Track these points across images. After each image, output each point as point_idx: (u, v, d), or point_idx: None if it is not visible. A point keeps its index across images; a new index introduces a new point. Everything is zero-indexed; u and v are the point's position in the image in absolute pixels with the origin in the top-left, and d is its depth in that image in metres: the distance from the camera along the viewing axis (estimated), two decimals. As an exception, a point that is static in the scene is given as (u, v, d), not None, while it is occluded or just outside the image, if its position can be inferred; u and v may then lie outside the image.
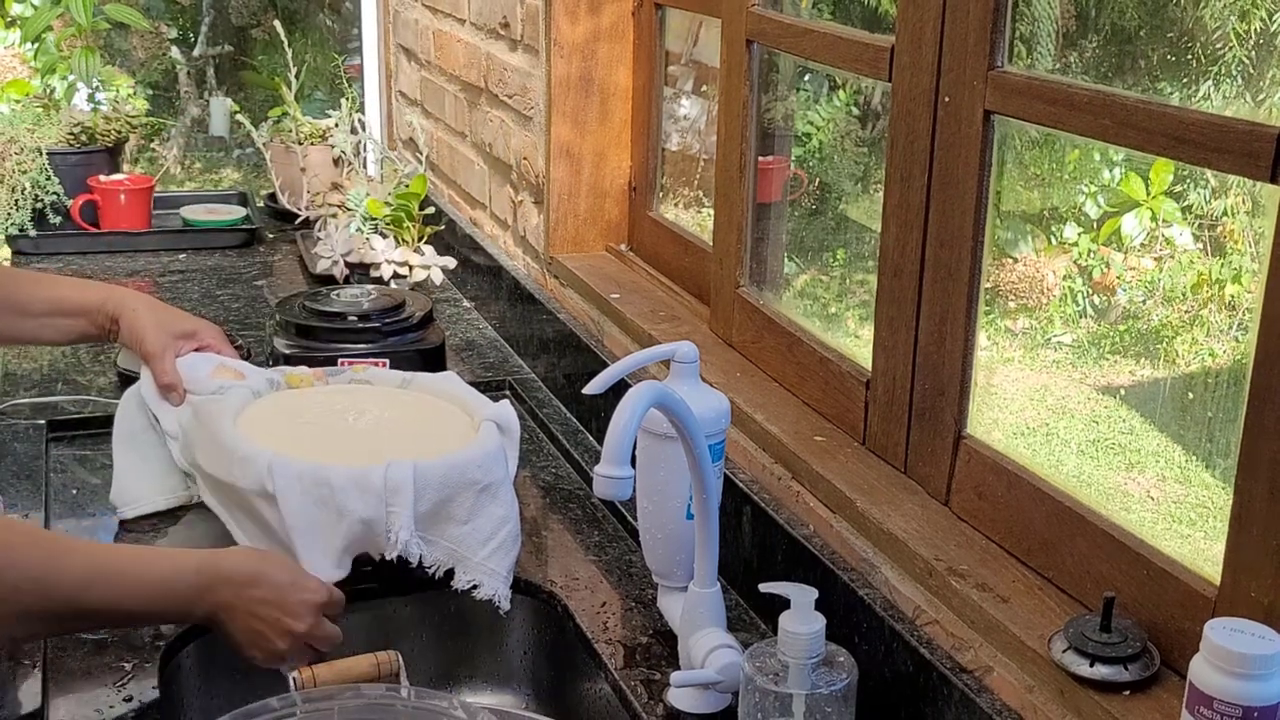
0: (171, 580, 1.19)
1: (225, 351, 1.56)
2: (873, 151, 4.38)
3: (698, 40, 2.58)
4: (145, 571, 1.19)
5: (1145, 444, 3.48)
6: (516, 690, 1.44)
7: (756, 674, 1.06)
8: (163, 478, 1.51)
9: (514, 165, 2.07)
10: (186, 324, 1.54)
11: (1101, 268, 3.79)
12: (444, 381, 1.56)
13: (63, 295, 1.53)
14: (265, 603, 1.21)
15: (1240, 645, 0.81)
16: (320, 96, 5.52)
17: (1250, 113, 3.11)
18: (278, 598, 1.21)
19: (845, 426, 1.36)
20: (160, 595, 1.19)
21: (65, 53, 2.69)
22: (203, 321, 1.57)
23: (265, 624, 1.21)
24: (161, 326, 1.51)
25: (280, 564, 1.25)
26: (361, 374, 1.58)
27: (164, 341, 1.50)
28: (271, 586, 1.22)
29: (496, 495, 1.36)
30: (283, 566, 1.25)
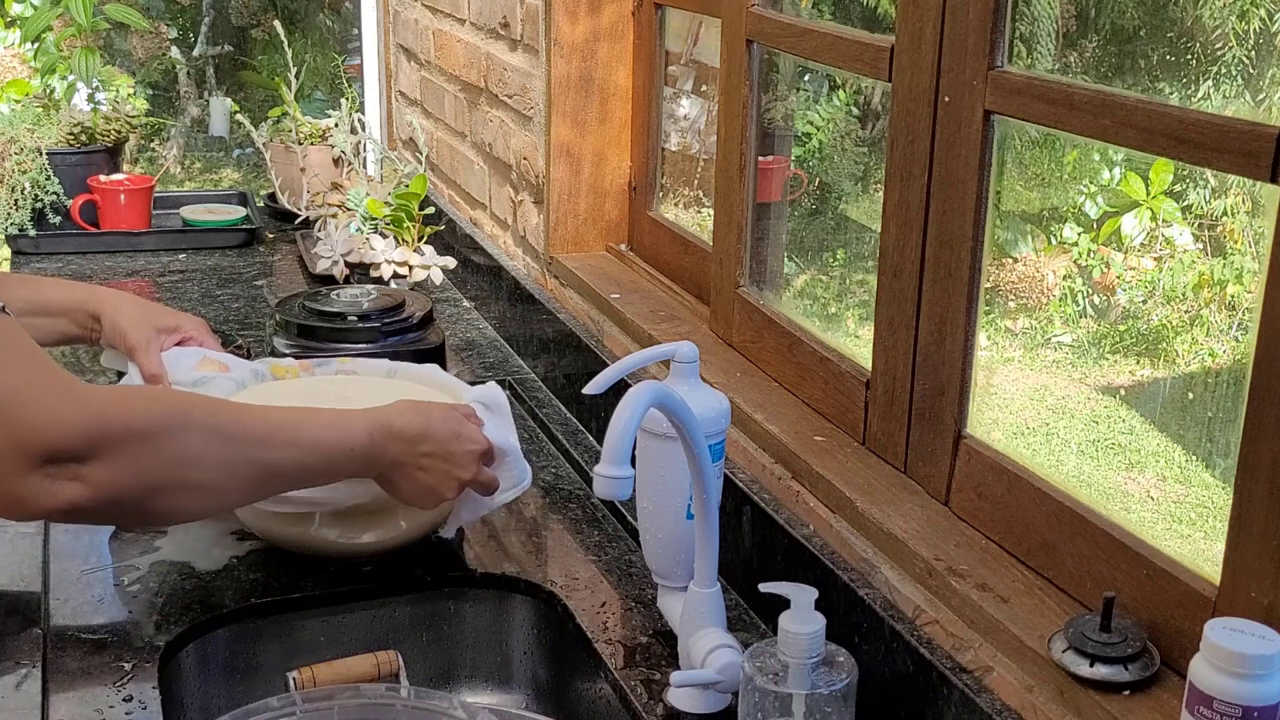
0: (347, 438, 1.24)
1: (208, 344, 1.55)
2: (872, 151, 4.38)
3: (698, 40, 2.58)
4: (321, 429, 1.24)
5: (1145, 444, 3.48)
6: (516, 690, 1.45)
7: (756, 674, 1.06)
8: None
9: (514, 165, 2.07)
10: (169, 318, 1.54)
11: (1101, 268, 3.79)
12: (430, 371, 1.57)
13: (44, 296, 1.52)
14: (433, 456, 1.28)
15: (1240, 645, 0.81)
16: (320, 96, 5.53)
17: (1250, 112, 3.11)
18: (444, 450, 1.29)
19: (845, 426, 1.36)
20: (338, 453, 1.24)
21: (65, 53, 2.69)
22: (185, 315, 1.57)
23: (434, 476, 1.29)
24: (144, 320, 1.51)
25: (443, 415, 1.31)
26: (348, 365, 1.58)
27: (147, 335, 1.50)
28: (438, 441, 1.29)
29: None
30: (446, 418, 1.31)
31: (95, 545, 1.45)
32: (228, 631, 1.34)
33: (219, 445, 1.15)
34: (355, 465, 1.26)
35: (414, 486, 1.30)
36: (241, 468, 1.17)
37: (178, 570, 1.41)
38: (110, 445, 1.07)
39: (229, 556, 1.44)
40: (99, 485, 1.07)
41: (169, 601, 1.35)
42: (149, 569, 1.40)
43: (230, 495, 1.21)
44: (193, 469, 1.13)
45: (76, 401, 1.07)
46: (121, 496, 1.09)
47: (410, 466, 1.28)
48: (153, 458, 1.10)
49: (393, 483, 1.29)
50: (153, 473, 1.11)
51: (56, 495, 1.06)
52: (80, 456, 1.06)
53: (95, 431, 1.07)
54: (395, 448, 1.27)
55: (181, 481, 1.13)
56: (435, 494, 1.31)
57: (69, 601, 1.34)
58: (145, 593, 1.36)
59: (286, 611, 1.37)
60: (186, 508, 1.17)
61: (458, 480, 1.31)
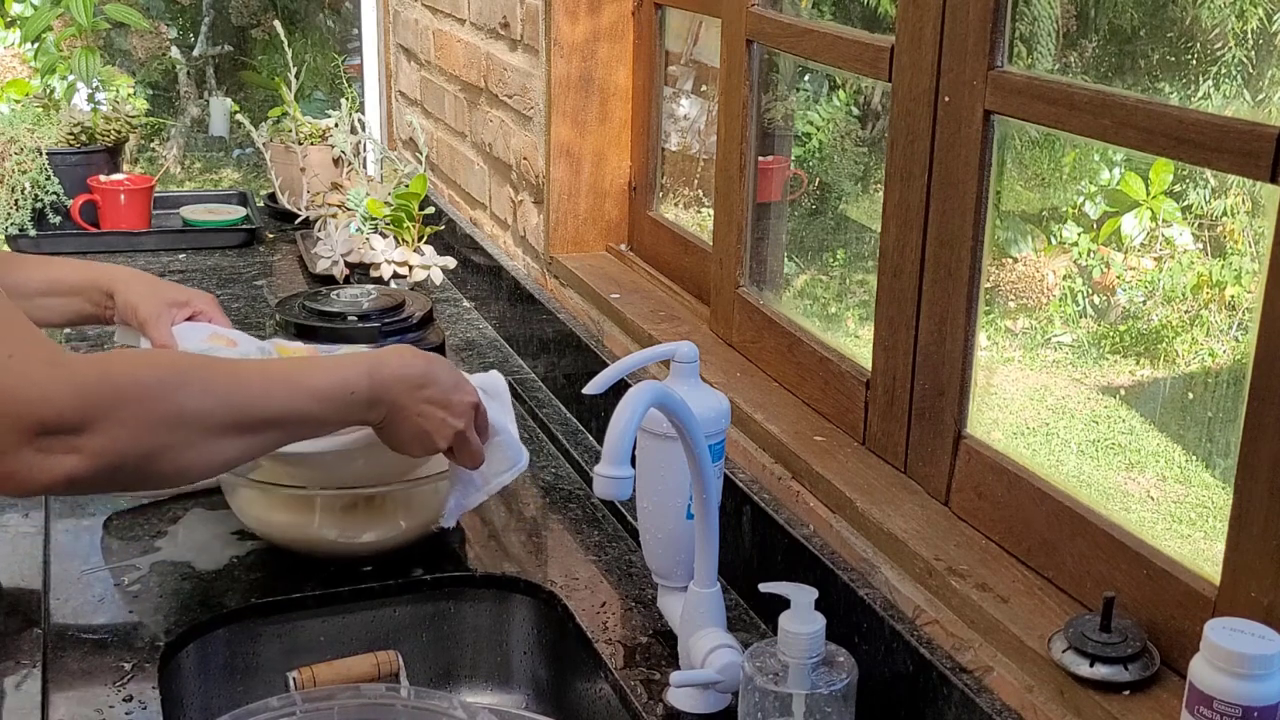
0: (349, 381, 1.23)
1: (218, 320, 1.55)
2: (872, 151, 4.39)
3: (698, 40, 2.58)
4: (320, 376, 1.22)
5: (1145, 444, 3.48)
6: (516, 690, 1.45)
7: (756, 674, 1.06)
8: None
9: (514, 165, 2.07)
10: (179, 293, 1.54)
11: (1101, 268, 3.80)
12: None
13: (56, 275, 1.52)
14: (432, 402, 1.28)
15: (1240, 645, 0.81)
16: (320, 96, 5.53)
17: (1250, 112, 3.11)
18: (443, 397, 1.29)
19: (845, 426, 1.36)
20: (339, 399, 1.22)
21: (65, 53, 2.69)
22: (196, 291, 1.57)
23: (431, 423, 1.28)
24: (155, 295, 1.51)
25: (443, 364, 1.32)
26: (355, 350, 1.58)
27: (158, 309, 1.49)
28: (439, 387, 1.29)
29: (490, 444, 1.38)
30: (446, 366, 1.32)
31: (95, 545, 1.45)
32: (228, 631, 1.34)
33: (215, 401, 1.13)
34: (358, 409, 1.24)
35: (411, 431, 1.28)
36: (242, 421, 1.15)
37: (178, 570, 1.41)
38: (103, 412, 1.05)
39: (229, 556, 1.44)
40: (96, 455, 1.05)
41: (169, 601, 1.35)
42: (149, 569, 1.41)
43: (234, 450, 1.17)
44: (191, 427, 1.11)
45: (64, 371, 1.05)
46: (121, 463, 1.07)
47: (410, 411, 1.27)
48: (147, 420, 1.08)
49: (390, 427, 1.28)
50: (150, 435, 1.08)
51: (53, 469, 1.04)
52: (73, 427, 1.04)
53: (86, 400, 1.05)
54: (398, 390, 1.26)
55: (181, 441, 1.11)
56: (430, 441, 1.30)
57: (69, 601, 1.34)
58: (145, 593, 1.36)
59: (286, 611, 1.37)
60: (192, 467, 1.14)
61: (453, 430, 1.30)
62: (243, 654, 1.35)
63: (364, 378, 1.24)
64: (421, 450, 1.31)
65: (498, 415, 1.39)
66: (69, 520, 1.50)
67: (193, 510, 1.53)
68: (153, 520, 1.51)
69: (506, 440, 1.40)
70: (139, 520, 1.51)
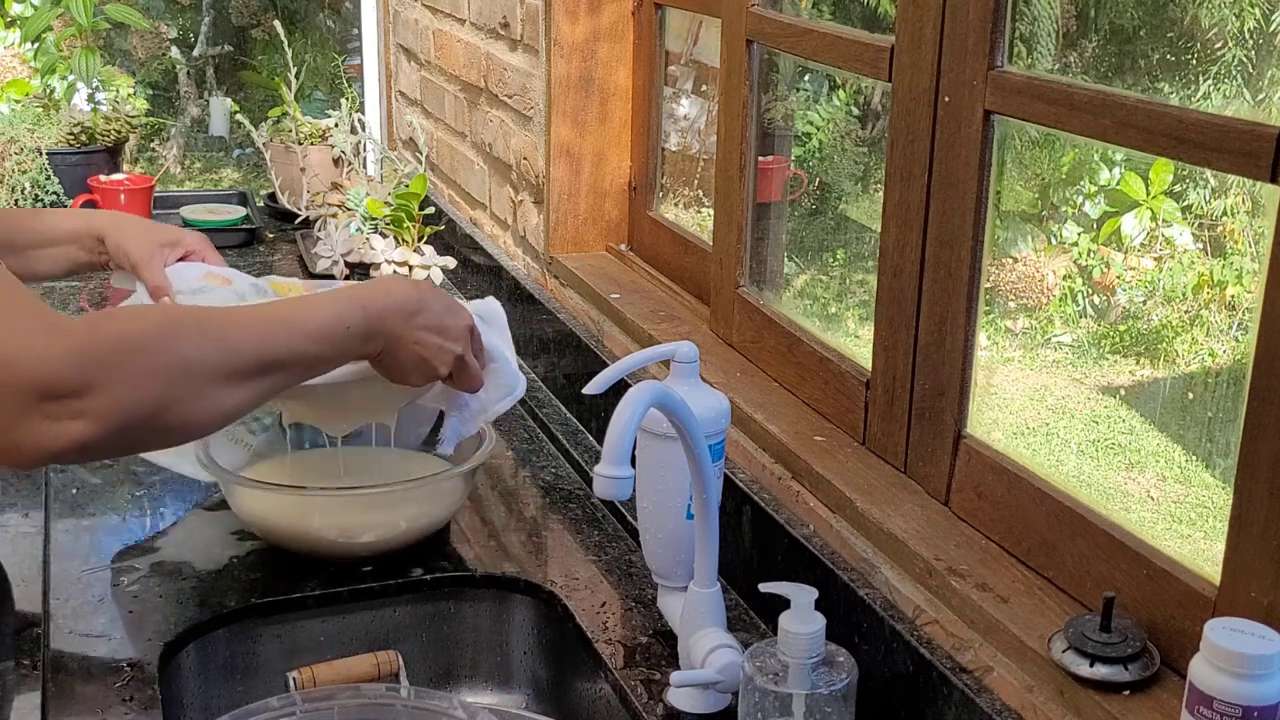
0: (343, 316, 1.22)
1: (211, 258, 1.54)
2: (873, 151, 4.39)
3: (698, 40, 2.58)
4: (315, 315, 1.21)
5: (1145, 444, 3.48)
6: (516, 690, 1.45)
7: (756, 674, 1.06)
8: None
9: (514, 165, 2.07)
10: (170, 234, 1.53)
11: (1101, 268, 3.80)
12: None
13: (49, 225, 1.51)
14: (428, 329, 1.28)
15: (1240, 645, 0.81)
16: (320, 96, 5.53)
17: (1250, 112, 3.11)
18: (438, 323, 1.29)
19: (845, 426, 1.36)
20: (337, 334, 1.21)
21: (65, 53, 2.69)
22: (187, 230, 1.56)
23: (428, 350, 1.28)
24: (146, 237, 1.50)
25: (434, 290, 1.31)
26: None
27: (150, 250, 1.48)
28: (433, 312, 1.28)
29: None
30: (437, 293, 1.31)
31: (95, 545, 1.45)
32: (228, 631, 1.34)
33: (214, 347, 1.11)
34: (355, 343, 1.23)
35: (410, 360, 1.28)
36: (242, 366, 1.13)
37: (178, 570, 1.41)
38: (104, 372, 1.03)
39: (229, 556, 1.44)
40: (104, 417, 1.03)
41: (169, 601, 1.35)
42: (149, 569, 1.41)
43: (239, 397, 1.14)
44: (192, 377, 1.09)
45: (61, 335, 1.03)
46: (130, 422, 1.05)
47: (406, 340, 1.26)
48: (148, 373, 1.06)
49: (389, 358, 1.27)
50: (153, 389, 1.06)
51: (61, 436, 1.02)
52: (76, 391, 1.02)
53: (84, 360, 1.03)
54: (392, 320, 1.25)
55: (185, 392, 1.09)
56: (430, 368, 1.29)
57: (69, 601, 1.34)
58: (145, 592, 1.36)
59: (286, 611, 1.37)
60: (200, 418, 1.12)
61: (452, 355, 1.30)
62: (243, 654, 1.36)
63: (358, 311, 1.23)
64: (423, 378, 1.30)
65: (495, 342, 1.39)
66: (69, 520, 1.50)
67: (193, 510, 1.54)
68: (153, 520, 1.51)
69: (503, 367, 1.39)
70: (139, 520, 1.51)
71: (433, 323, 1.28)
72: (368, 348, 1.25)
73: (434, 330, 1.28)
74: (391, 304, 1.25)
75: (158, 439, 1.14)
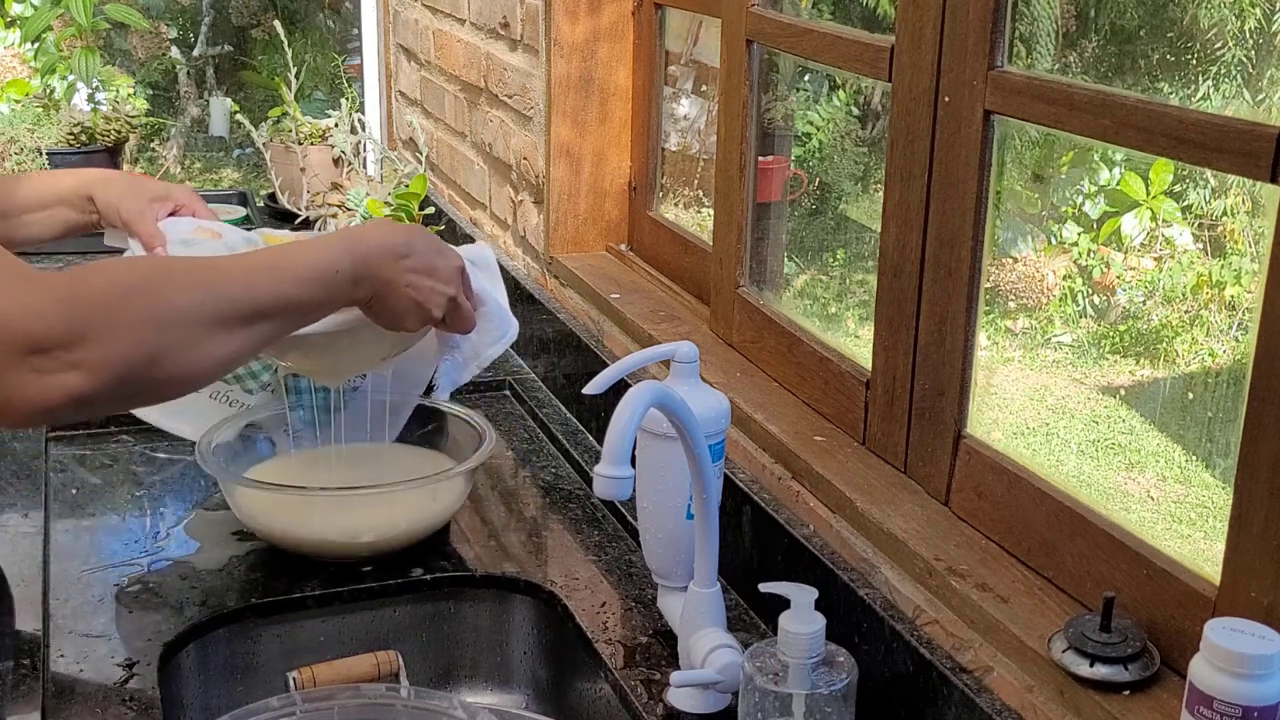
0: (331, 260, 1.20)
1: (201, 212, 1.53)
2: (873, 151, 4.39)
3: (698, 40, 2.58)
4: (302, 260, 1.19)
5: (1145, 444, 3.48)
6: (516, 690, 1.45)
7: (756, 674, 1.06)
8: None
9: (514, 165, 2.07)
10: (159, 188, 1.52)
11: (1101, 268, 3.80)
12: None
13: (36, 188, 1.50)
14: (418, 271, 1.26)
15: (1240, 645, 0.81)
16: (320, 96, 5.52)
17: (1249, 112, 3.11)
18: (428, 264, 1.27)
19: (845, 426, 1.36)
20: (325, 279, 1.20)
21: (65, 53, 2.69)
22: (175, 184, 1.55)
23: (421, 293, 1.27)
24: (135, 193, 1.49)
25: (422, 233, 1.30)
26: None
27: (140, 206, 1.47)
28: (422, 254, 1.27)
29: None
30: (425, 236, 1.30)
31: (95, 545, 1.45)
32: (228, 631, 1.34)
33: (204, 294, 1.10)
34: (344, 287, 1.21)
35: (403, 303, 1.26)
36: (233, 313, 1.11)
37: (178, 570, 1.41)
38: (93, 322, 1.02)
39: (229, 556, 1.44)
40: (96, 368, 1.02)
41: (169, 601, 1.35)
42: (149, 568, 1.41)
43: (233, 346, 1.12)
44: (184, 324, 1.07)
45: (43, 287, 1.01)
46: (124, 373, 1.04)
47: (397, 283, 1.25)
48: (139, 321, 1.05)
49: (380, 303, 1.25)
50: (143, 338, 1.05)
51: (54, 389, 1.00)
52: (65, 342, 1.00)
53: (72, 311, 1.02)
54: (381, 263, 1.23)
55: (178, 340, 1.07)
56: (424, 311, 1.28)
57: (69, 601, 1.34)
58: (145, 592, 1.36)
59: (286, 611, 1.37)
60: (194, 368, 1.10)
61: (445, 296, 1.29)
62: (243, 654, 1.36)
63: (345, 254, 1.21)
64: (417, 322, 1.29)
65: (486, 286, 1.38)
66: (69, 520, 1.50)
67: (193, 510, 1.54)
68: (153, 520, 1.51)
69: (494, 310, 1.38)
70: (139, 520, 1.51)
71: (423, 265, 1.27)
72: (357, 292, 1.23)
73: (425, 272, 1.27)
74: (379, 247, 1.24)
75: (153, 391, 1.11)
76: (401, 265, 1.25)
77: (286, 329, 1.20)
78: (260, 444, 1.54)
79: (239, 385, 1.55)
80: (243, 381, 1.56)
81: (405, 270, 1.25)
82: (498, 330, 1.39)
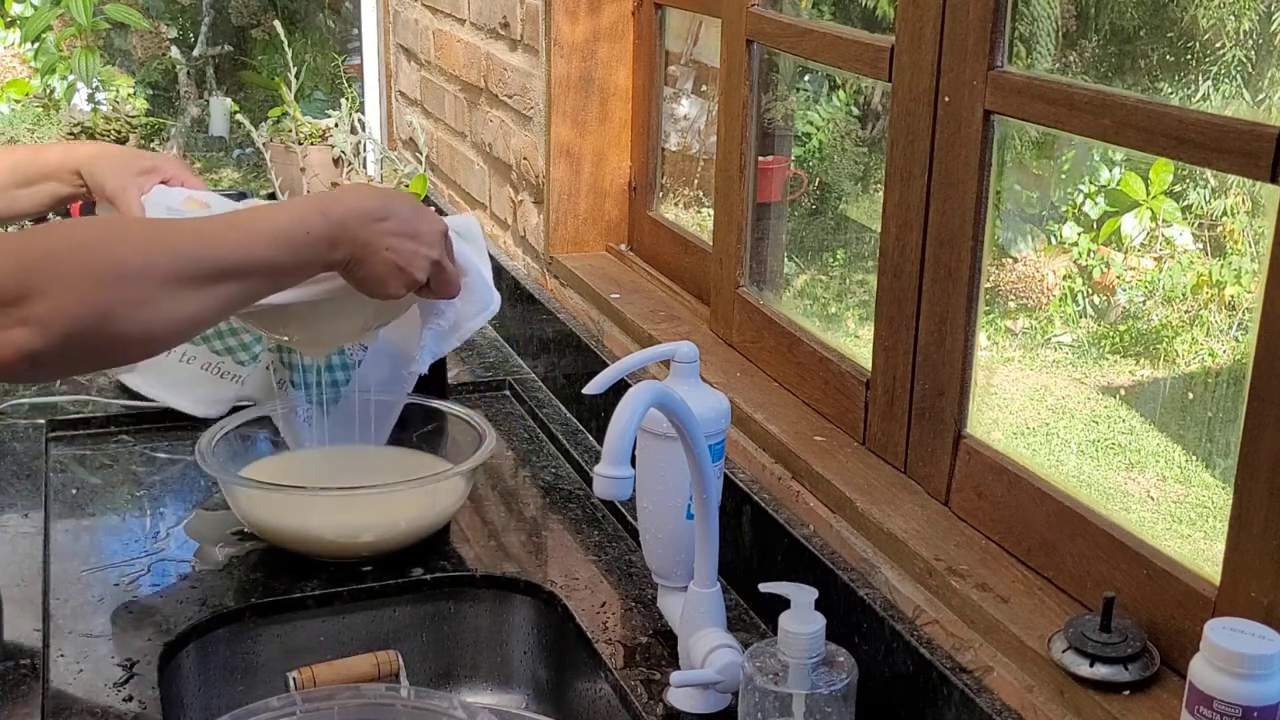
0: (302, 220, 1.17)
1: (190, 183, 1.51)
2: (873, 151, 4.39)
3: (698, 40, 2.58)
4: (272, 220, 1.17)
5: (1145, 444, 3.48)
6: (516, 690, 1.45)
7: (756, 674, 1.06)
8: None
9: (514, 165, 2.07)
10: (144, 160, 1.50)
11: (1101, 268, 3.80)
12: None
13: (23, 164, 1.48)
14: (398, 234, 1.23)
15: (1240, 645, 0.81)
16: (320, 96, 5.52)
17: (1249, 112, 3.11)
18: (409, 228, 1.24)
19: (845, 426, 1.36)
20: (293, 240, 1.16)
21: (65, 53, 2.69)
22: (162, 155, 1.54)
23: (402, 256, 1.23)
24: (120, 166, 1.47)
25: (402, 197, 1.27)
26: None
27: (124, 180, 1.46)
28: (401, 217, 1.23)
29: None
30: (405, 199, 1.27)
31: (95, 545, 1.45)
32: (228, 631, 1.34)
33: (160, 252, 1.07)
34: (318, 249, 1.18)
35: (384, 268, 1.23)
36: (195, 272, 1.09)
37: (177, 570, 1.41)
38: (38, 277, 1.01)
39: (229, 556, 1.44)
40: (44, 323, 1.00)
41: (169, 601, 1.35)
42: (149, 569, 1.41)
43: (195, 306, 1.10)
44: (138, 281, 1.05)
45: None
46: (72, 329, 1.02)
47: (377, 246, 1.21)
48: (87, 277, 1.03)
49: (361, 268, 1.22)
50: (94, 292, 1.03)
51: (5, 346, 0.99)
52: (13, 298, 0.99)
53: (19, 266, 1.00)
54: (358, 226, 1.20)
55: (132, 297, 1.05)
56: (406, 275, 1.24)
57: (69, 601, 1.34)
58: (145, 592, 1.36)
59: (286, 611, 1.37)
60: (154, 327, 1.07)
61: (428, 259, 1.25)
62: (243, 654, 1.36)
63: (318, 215, 1.18)
64: (401, 285, 1.25)
65: (471, 258, 1.35)
66: (69, 520, 1.50)
67: (193, 510, 1.54)
68: (153, 520, 1.51)
69: (477, 281, 1.35)
70: (139, 520, 1.51)
71: (403, 228, 1.23)
72: (333, 255, 1.20)
73: (406, 235, 1.23)
74: (355, 209, 1.21)
75: (112, 349, 1.09)
76: (380, 228, 1.22)
77: (259, 290, 1.17)
78: (260, 444, 1.54)
79: (230, 357, 1.54)
80: (234, 354, 1.55)
81: (385, 233, 1.22)
82: (480, 302, 1.36)
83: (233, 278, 1.12)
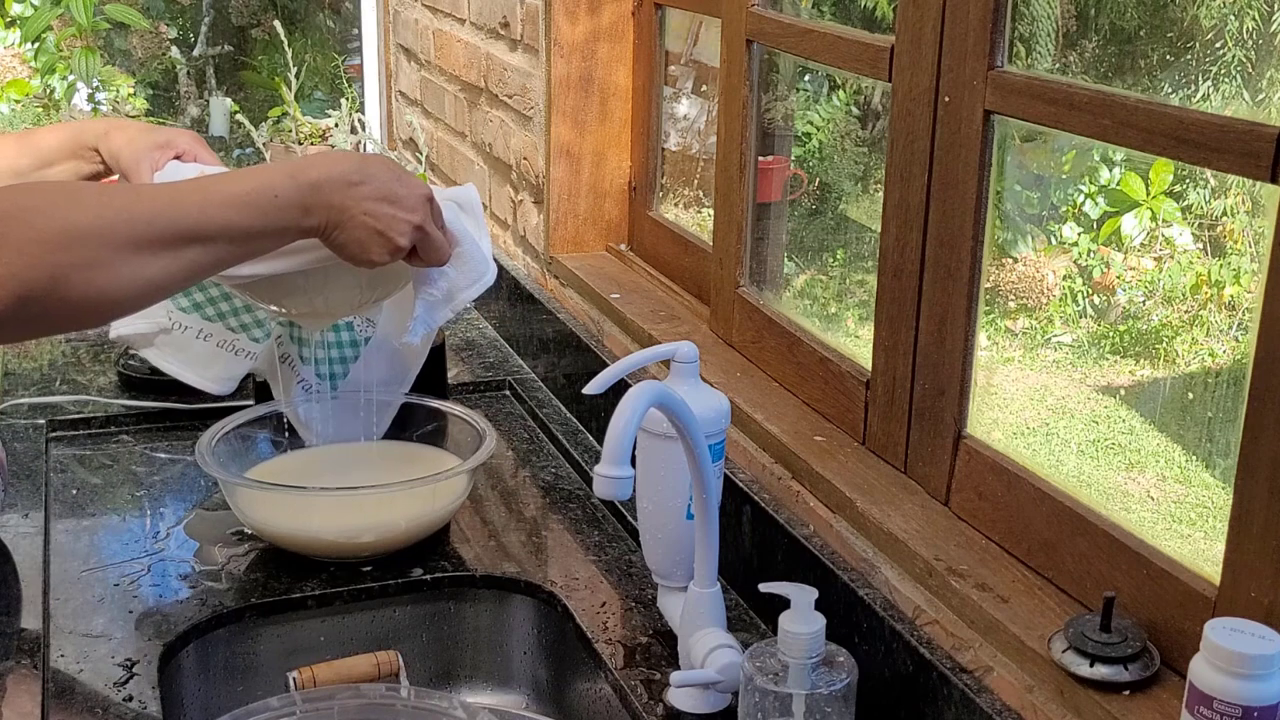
0: (270, 185, 1.15)
1: (204, 157, 1.50)
2: (873, 151, 4.39)
3: (698, 40, 2.58)
4: (238, 184, 1.15)
5: (1145, 444, 3.48)
6: (516, 690, 1.45)
7: (756, 674, 1.06)
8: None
9: (514, 165, 2.07)
10: (159, 134, 1.49)
11: (1101, 268, 3.80)
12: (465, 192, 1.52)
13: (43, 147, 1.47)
14: (375, 198, 1.19)
15: (1240, 645, 0.81)
16: (320, 96, 5.52)
17: (1249, 112, 3.11)
18: (389, 192, 1.20)
19: (845, 426, 1.36)
20: (260, 203, 1.14)
21: (65, 53, 2.69)
22: (177, 129, 1.52)
23: (382, 220, 1.20)
24: (133, 141, 1.46)
25: (381, 160, 1.23)
26: None
27: (138, 155, 1.44)
28: (379, 181, 1.20)
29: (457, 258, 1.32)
30: (385, 163, 1.23)
31: (95, 545, 1.45)
32: (228, 631, 1.34)
33: (115, 215, 1.06)
34: (289, 214, 1.15)
35: (364, 233, 1.19)
36: (153, 235, 1.08)
37: (178, 570, 1.41)
38: None
39: (229, 556, 1.44)
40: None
41: (169, 601, 1.35)
42: (149, 569, 1.41)
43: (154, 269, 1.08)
44: (90, 243, 1.04)
45: None
46: (23, 291, 1.01)
47: (354, 211, 1.18)
48: (35, 239, 1.02)
49: (339, 234, 1.19)
50: (43, 254, 1.02)
51: None
52: None
53: None
54: (332, 190, 1.17)
55: (85, 259, 1.04)
56: (387, 240, 1.21)
57: (69, 601, 1.34)
58: (145, 592, 1.36)
59: (286, 611, 1.37)
60: (109, 289, 1.06)
61: (410, 225, 1.21)
62: (243, 654, 1.36)
63: (286, 179, 1.16)
64: (384, 252, 1.21)
65: (468, 228, 1.33)
66: (69, 520, 1.50)
67: (193, 510, 1.54)
68: (153, 520, 1.51)
69: (472, 251, 1.32)
70: (139, 520, 1.51)
71: (381, 192, 1.20)
72: (307, 221, 1.17)
73: (384, 200, 1.20)
74: (328, 173, 1.18)
75: (69, 312, 1.07)
76: (356, 192, 1.18)
77: (227, 255, 1.15)
78: (260, 444, 1.54)
79: (245, 334, 1.54)
80: (249, 330, 1.55)
81: (361, 198, 1.19)
82: (474, 272, 1.33)
83: (194, 241, 1.11)
